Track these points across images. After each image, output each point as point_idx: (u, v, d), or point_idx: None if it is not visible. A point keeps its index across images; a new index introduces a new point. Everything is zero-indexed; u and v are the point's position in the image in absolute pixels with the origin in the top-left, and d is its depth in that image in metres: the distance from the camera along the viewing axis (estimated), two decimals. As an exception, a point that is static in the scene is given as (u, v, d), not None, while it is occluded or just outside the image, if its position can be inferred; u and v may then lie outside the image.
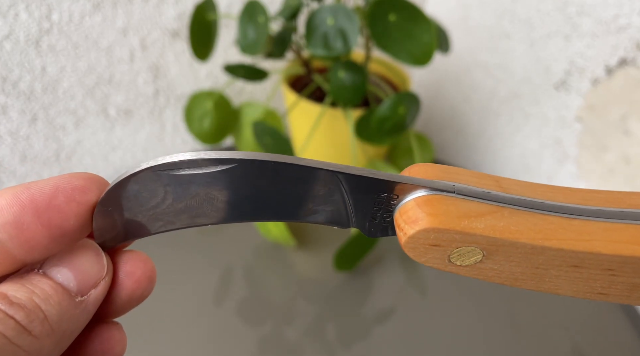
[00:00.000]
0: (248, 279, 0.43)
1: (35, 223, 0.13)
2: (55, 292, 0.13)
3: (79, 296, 0.14)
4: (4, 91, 0.44)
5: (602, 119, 0.44)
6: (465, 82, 0.56)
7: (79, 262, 0.14)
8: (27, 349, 0.12)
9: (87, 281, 0.14)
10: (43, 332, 0.13)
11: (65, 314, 0.13)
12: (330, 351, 0.38)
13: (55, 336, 0.13)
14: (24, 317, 0.12)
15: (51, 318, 0.13)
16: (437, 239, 0.14)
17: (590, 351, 0.39)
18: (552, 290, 0.15)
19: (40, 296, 0.13)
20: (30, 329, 0.12)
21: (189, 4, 0.48)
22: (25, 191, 0.13)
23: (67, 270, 0.14)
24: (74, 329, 0.14)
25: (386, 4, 0.35)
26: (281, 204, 0.15)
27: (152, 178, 0.14)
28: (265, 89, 0.58)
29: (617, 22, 0.40)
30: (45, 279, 0.14)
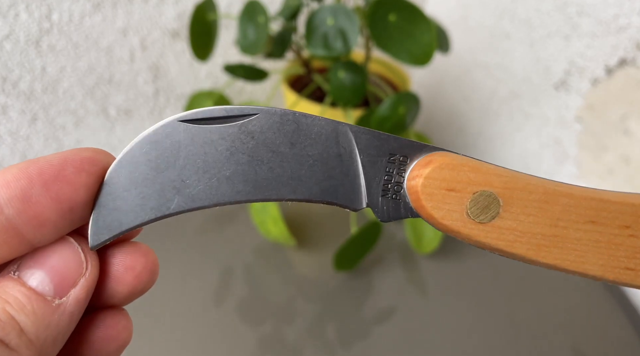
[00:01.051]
0: (248, 279, 0.43)
1: (44, 196, 0.13)
2: (28, 300, 0.12)
3: (56, 299, 0.13)
4: (4, 91, 0.44)
5: (602, 119, 0.44)
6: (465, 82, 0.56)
7: (53, 261, 0.13)
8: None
9: (64, 282, 0.13)
10: (21, 344, 0.12)
11: (42, 322, 0.12)
12: (330, 351, 0.38)
13: (36, 346, 0.12)
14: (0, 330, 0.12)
15: (27, 329, 0.12)
16: (453, 179, 0.14)
17: (590, 351, 0.39)
18: (578, 264, 0.14)
19: (14, 306, 0.12)
20: (7, 342, 0.12)
21: (189, 4, 0.48)
22: (32, 165, 0.13)
23: (42, 272, 0.13)
24: (57, 335, 0.13)
25: (386, 4, 0.35)
26: (296, 175, 0.15)
27: (178, 130, 0.14)
28: (265, 89, 0.58)
29: (617, 22, 0.40)
30: (19, 286, 0.13)
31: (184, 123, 0.14)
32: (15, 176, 0.13)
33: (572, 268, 0.15)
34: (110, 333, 0.15)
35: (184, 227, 0.47)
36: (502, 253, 0.15)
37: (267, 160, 0.15)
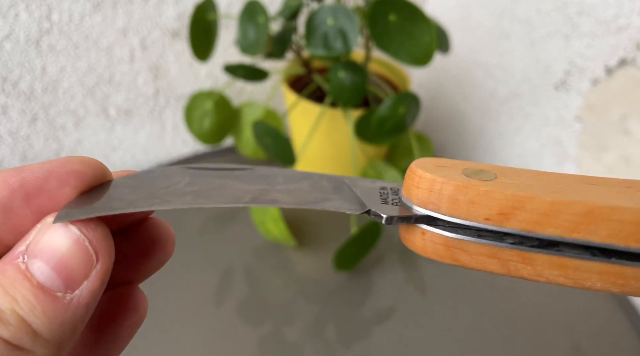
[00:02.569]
0: (248, 279, 0.43)
1: (24, 208, 0.13)
2: (37, 300, 0.12)
3: (68, 294, 0.12)
4: (4, 91, 0.44)
5: (602, 119, 0.44)
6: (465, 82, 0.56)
7: (58, 256, 0.12)
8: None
9: (73, 277, 0.12)
10: (36, 345, 0.12)
11: (54, 322, 0.12)
12: (330, 351, 0.38)
13: (52, 344, 0.12)
14: (12, 335, 0.11)
15: (40, 330, 0.12)
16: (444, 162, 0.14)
17: (590, 351, 0.39)
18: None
19: (24, 307, 0.12)
20: (21, 345, 0.11)
21: (189, 4, 0.48)
22: (15, 175, 0.13)
23: (48, 267, 0.12)
24: (73, 328, 0.12)
25: (386, 4, 0.35)
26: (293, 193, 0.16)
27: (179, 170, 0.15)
28: (265, 89, 0.58)
29: (617, 22, 0.40)
30: (27, 283, 0.12)
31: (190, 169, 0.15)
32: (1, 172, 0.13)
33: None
34: (126, 307, 0.15)
35: (184, 227, 0.47)
36: None
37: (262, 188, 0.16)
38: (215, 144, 0.50)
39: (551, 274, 0.13)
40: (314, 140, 0.45)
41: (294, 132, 0.50)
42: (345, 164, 0.47)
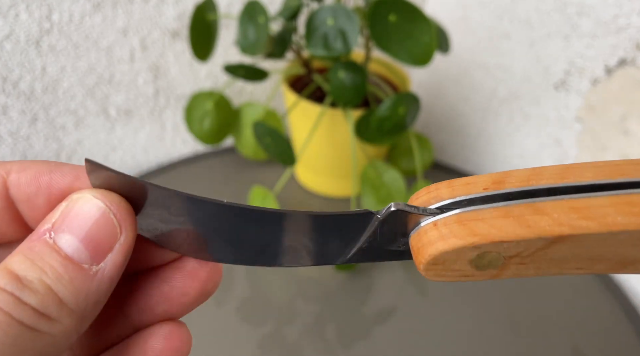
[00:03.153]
0: (248, 279, 0.43)
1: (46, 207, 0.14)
2: (65, 270, 0.12)
3: (93, 266, 0.13)
4: (4, 91, 0.44)
5: (601, 119, 0.44)
6: (465, 83, 0.56)
7: (86, 228, 0.13)
8: (49, 332, 0.12)
9: (99, 248, 0.13)
10: (62, 314, 0.12)
11: (80, 291, 0.12)
12: (330, 351, 0.38)
13: (77, 314, 0.12)
14: (39, 302, 0.12)
15: (66, 299, 0.12)
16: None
17: (590, 351, 0.39)
18: None
19: (51, 276, 0.12)
20: (47, 313, 0.12)
21: (189, 4, 0.48)
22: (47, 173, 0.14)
23: (76, 240, 0.13)
24: (97, 300, 0.13)
25: (386, 4, 0.35)
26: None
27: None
28: (266, 90, 0.58)
29: (617, 23, 0.40)
30: (55, 254, 0.12)
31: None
32: (28, 182, 0.14)
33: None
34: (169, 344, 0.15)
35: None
36: None
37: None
38: (215, 144, 0.50)
39: (570, 219, 0.13)
40: (314, 140, 0.45)
41: (294, 133, 0.50)
42: (345, 164, 0.47)
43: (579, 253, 0.13)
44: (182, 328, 0.16)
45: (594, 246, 0.13)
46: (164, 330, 0.15)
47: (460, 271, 0.14)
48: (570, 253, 0.13)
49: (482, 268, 0.14)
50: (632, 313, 0.42)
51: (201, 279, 0.15)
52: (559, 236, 0.13)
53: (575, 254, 0.13)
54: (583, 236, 0.13)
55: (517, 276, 0.14)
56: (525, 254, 0.13)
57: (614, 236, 0.13)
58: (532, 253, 0.13)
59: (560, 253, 0.13)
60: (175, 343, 0.15)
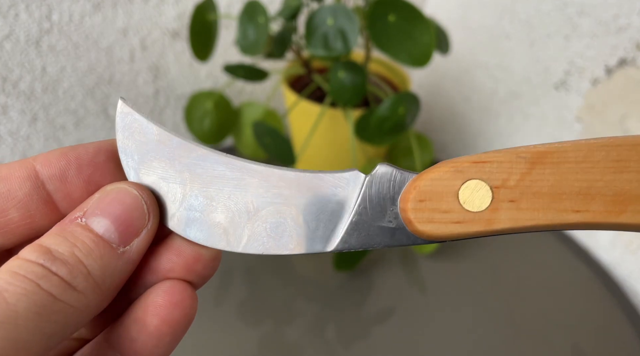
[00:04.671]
0: (248, 280, 0.43)
1: (77, 177, 0.14)
2: (96, 246, 0.13)
3: (121, 247, 0.14)
4: (4, 91, 0.44)
5: (601, 120, 0.44)
6: (465, 83, 0.56)
7: (119, 212, 0.14)
8: (74, 304, 0.12)
9: (128, 231, 0.14)
10: (88, 287, 0.13)
11: (108, 267, 0.13)
12: (330, 351, 0.38)
13: (100, 290, 0.13)
14: (68, 273, 0.12)
15: (94, 273, 0.13)
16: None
17: (590, 351, 0.39)
18: None
19: (82, 250, 0.13)
20: (74, 285, 0.12)
21: (189, 4, 0.48)
22: (72, 150, 0.15)
23: (108, 221, 0.14)
24: (118, 281, 0.14)
25: (386, 4, 0.35)
26: None
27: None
28: (265, 89, 0.58)
29: (617, 23, 0.40)
30: (87, 232, 0.13)
31: None
32: (57, 158, 0.14)
33: None
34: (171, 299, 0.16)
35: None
36: None
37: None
38: (215, 144, 0.50)
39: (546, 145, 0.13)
40: (314, 140, 0.45)
41: (294, 132, 0.50)
42: (345, 164, 0.47)
43: (566, 183, 0.13)
44: (183, 284, 0.16)
45: (577, 171, 0.13)
46: (165, 285, 0.15)
47: (450, 212, 0.14)
48: (557, 183, 0.13)
49: (472, 206, 0.13)
50: (631, 313, 0.42)
51: (186, 256, 0.16)
52: (537, 153, 0.13)
53: (563, 184, 0.13)
54: (560, 153, 0.13)
55: (514, 225, 0.13)
56: (512, 184, 0.13)
57: (591, 154, 0.13)
58: (517, 180, 0.13)
59: (547, 183, 0.13)
60: (175, 297, 0.15)
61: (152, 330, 0.15)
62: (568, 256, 0.47)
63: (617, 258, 0.46)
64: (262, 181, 0.15)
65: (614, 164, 0.13)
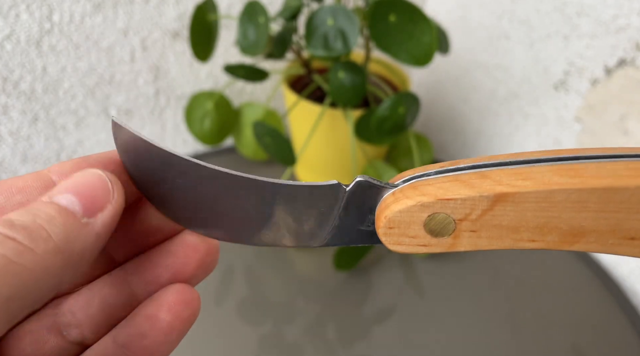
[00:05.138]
0: (248, 279, 0.43)
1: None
2: (59, 214, 0.13)
3: (85, 218, 0.14)
4: (5, 91, 0.44)
5: (601, 120, 0.44)
6: (465, 83, 0.56)
7: (83, 188, 0.14)
8: (32, 267, 0.12)
9: (92, 205, 0.14)
10: (47, 250, 0.13)
11: (71, 233, 0.13)
12: (330, 350, 0.38)
13: (63, 255, 0.13)
14: (25, 237, 0.12)
15: (56, 237, 0.13)
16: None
17: (590, 351, 0.39)
18: None
19: (44, 217, 0.13)
20: (32, 247, 0.12)
21: (190, 5, 0.48)
22: (84, 161, 0.15)
23: (71, 195, 0.14)
24: (84, 249, 0.14)
25: (386, 4, 0.35)
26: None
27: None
28: (266, 90, 0.58)
29: (617, 23, 0.40)
30: (51, 205, 0.14)
31: None
32: (71, 168, 0.15)
33: None
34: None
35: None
36: None
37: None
38: (215, 144, 0.50)
39: (510, 180, 0.14)
40: (314, 140, 0.45)
41: (294, 133, 0.50)
42: (345, 164, 0.47)
43: (525, 219, 0.14)
44: (190, 286, 0.17)
45: (536, 209, 0.14)
46: (176, 286, 0.16)
47: (416, 238, 0.15)
48: (516, 219, 0.14)
49: (436, 234, 0.15)
50: (631, 313, 0.42)
51: (201, 251, 0.17)
52: (499, 194, 0.13)
53: (522, 220, 0.14)
54: (522, 195, 0.13)
55: (474, 249, 0.15)
56: (474, 218, 0.14)
57: (551, 195, 0.13)
58: (479, 215, 0.14)
59: (507, 218, 0.14)
60: (187, 296, 0.16)
61: (164, 325, 0.15)
62: (567, 256, 0.47)
63: (617, 257, 0.46)
64: (248, 191, 0.16)
65: (573, 205, 0.13)
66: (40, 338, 0.16)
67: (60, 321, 0.16)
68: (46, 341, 0.16)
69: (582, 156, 0.14)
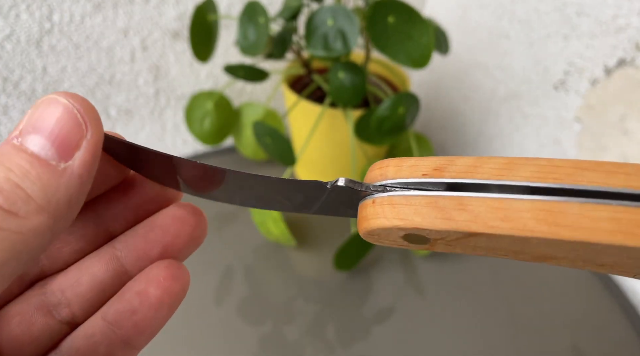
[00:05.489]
0: (248, 279, 0.43)
1: None
2: (32, 166, 0.12)
3: (62, 163, 0.13)
4: (5, 92, 0.44)
5: (601, 120, 0.44)
6: (465, 83, 0.56)
7: (51, 126, 0.13)
8: (17, 231, 0.12)
9: (65, 145, 0.13)
10: (30, 211, 0.12)
11: (49, 187, 0.12)
12: (330, 350, 0.38)
13: (48, 212, 0.12)
14: (4, 200, 0.12)
15: (35, 195, 0.12)
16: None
17: (590, 351, 0.39)
18: None
19: (18, 173, 0.12)
20: (15, 211, 0.12)
21: (190, 5, 0.48)
22: None
23: (42, 137, 0.13)
24: (69, 197, 0.13)
25: (385, 5, 0.35)
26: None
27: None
28: (266, 90, 0.59)
29: (616, 23, 0.40)
30: (21, 153, 0.12)
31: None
32: None
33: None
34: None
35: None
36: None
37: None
38: (215, 144, 0.50)
39: (487, 219, 0.14)
40: (314, 140, 0.45)
41: (294, 133, 0.50)
42: (345, 164, 0.47)
43: (497, 246, 0.14)
44: (178, 262, 0.17)
45: (511, 244, 0.14)
46: (165, 262, 0.16)
47: (395, 241, 0.16)
48: (489, 245, 0.14)
49: (414, 242, 0.15)
50: (631, 312, 0.42)
51: (191, 224, 0.17)
52: (473, 232, 0.14)
53: (495, 247, 0.14)
54: (497, 235, 0.13)
55: (450, 251, 0.16)
56: (449, 240, 0.15)
57: (527, 240, 0.13)
58: (453, 240, 0.14)
59: (480, 244, 0.14)
60: (175, 271, 0.16)
61: (154, 301, 0.15)
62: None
63: (617, 257, 0.46)
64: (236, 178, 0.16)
65: (547, 247, 0.14)
66: (29, 319, 0.15)
67: (49, 301, 0.16)
68: (35, 321, 0.15)
69: (570, 188, 0.13)
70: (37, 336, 0.15)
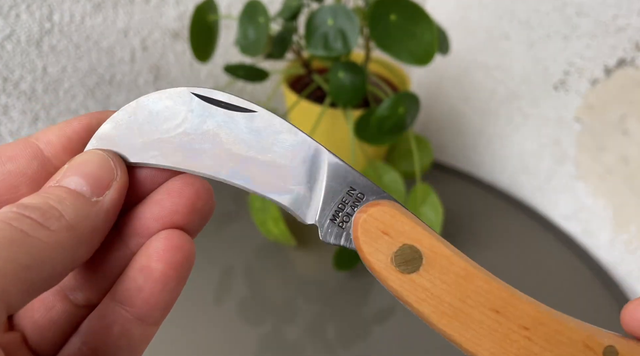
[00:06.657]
0: (248, 279, 0.43)
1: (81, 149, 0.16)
2: (69, 195, 0.14)
3: (94, 197, 0.15)
4: (5, 91, 0.44)
5: (601, 120, 0.44)
6: (465, 83, 0.56)
7: (88, 169, 0.15)
8: (45, 240, 0.13)
9: (99, 184, 0.15)
10: (60, 227, 0.13)
11: (81, 211, 0.14)
12: (330, 350, 0.38)
13: (75, 232, 0.14)
14: (40, 215, 0.13)
15: (68, 215, 0.14)
16: (390, 225, 0.16)
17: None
18: (472, 344, 0.16)
19: (55, 199, 0.14)
20: (47, 225, 0.13)
21: (190, 5, 0.48)
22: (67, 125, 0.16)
23: (78, 177, 0.15)
24: (95, 226, 0.14)
25: (387, 4, 0.35)
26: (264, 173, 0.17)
27: (186, 98, 0.16)
28: (266, 90, 0.59)
29: (616, 23, 0.40)
30: (60, 188, 0.14)
31: (195, 96, 0.16)
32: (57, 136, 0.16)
33: (465, 346, 0.16)
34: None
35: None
36: (410, 308, 0.17)
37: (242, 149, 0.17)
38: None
39: None
40: (314, 140, 0.45)
41: (294, 133, 0.50)
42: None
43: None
44: (179, 230, 0.16)
45: None
46: (163, 232, 0.16)
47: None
48: None
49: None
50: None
51: (188, 196, 0.16)
52: None
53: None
54: None
55: None
56: None
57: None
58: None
59: None
60: (175, 241, 0.16)
61: (158, 275, 0.15)
62: (568, 256, 0.47)
63: (617, 257, 0.46)
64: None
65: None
66: (48, 304, 0.16)
67: (65, 286, 0.16)
68: (53, 306, 0.16)
69: None
70: (56, 320, 0.16)
